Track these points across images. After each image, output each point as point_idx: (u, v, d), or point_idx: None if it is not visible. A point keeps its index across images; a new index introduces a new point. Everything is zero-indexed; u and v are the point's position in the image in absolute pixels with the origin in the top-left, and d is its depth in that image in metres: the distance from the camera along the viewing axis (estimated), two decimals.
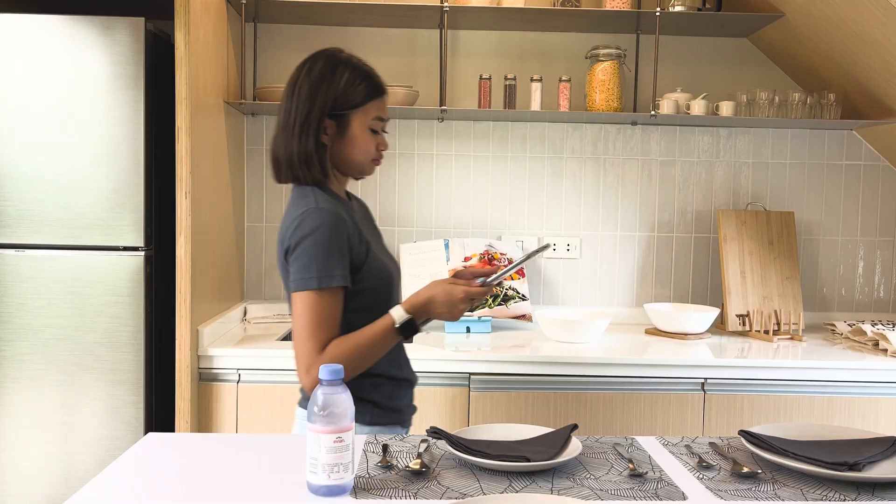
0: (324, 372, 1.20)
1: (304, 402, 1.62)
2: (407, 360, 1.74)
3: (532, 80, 2.78)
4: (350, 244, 1.54)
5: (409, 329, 1.55)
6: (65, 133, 2.28)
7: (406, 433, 1.69)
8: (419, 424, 2.33)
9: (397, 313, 1.55)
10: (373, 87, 1.62)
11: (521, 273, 2.80)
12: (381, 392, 1.63)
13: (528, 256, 1.65)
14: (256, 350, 2.33)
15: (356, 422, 1.30)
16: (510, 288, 2.74)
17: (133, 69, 2.27)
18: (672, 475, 1.33)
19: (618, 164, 2.97)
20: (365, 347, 1.52)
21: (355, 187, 2.96)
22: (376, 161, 1.66)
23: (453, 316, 1.57)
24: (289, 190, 1.64)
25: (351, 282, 1.54)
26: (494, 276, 1.61)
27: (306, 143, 1.57)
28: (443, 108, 2.68)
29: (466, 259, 2.78)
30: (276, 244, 1.84)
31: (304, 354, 1.50)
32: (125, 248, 2.31)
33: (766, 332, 2.71)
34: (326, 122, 1.58)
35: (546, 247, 1.74)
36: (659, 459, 1.41)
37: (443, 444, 1.45)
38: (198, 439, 1.49)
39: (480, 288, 1.58)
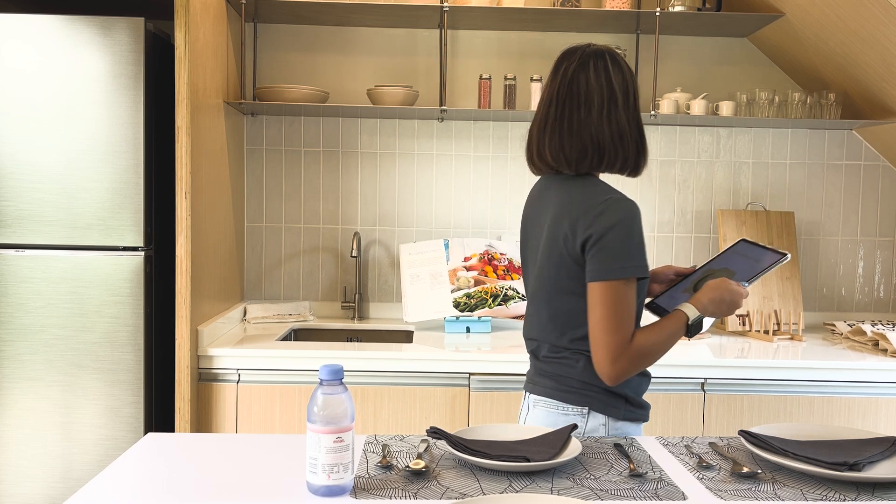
0: (324, 372, 1.20)
1: (580, 392, 1.56)
2: None
3: (532, 80, 2.78)
4: None
5: (695, 328, 1.53)
6: (65, 133, 2.28)
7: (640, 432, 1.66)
8: (419, 424, 2.33)
9: (690, 311, 1.52)
10: None
11: (521, 273, 2.80)
12: (631, 386, 1.59)
13: (770, 267, 1.61)
14: (256, 350, 2.33)
15: (608, 416, 1.39)
16: (510, 288, 2.74)
17: (133, 69, 2.27)
18: (672, 475, 1.33)
19: None
20: (663, 342, 1.50)
21: (353, 187, 2.96)
22: None
23: (730, 314, 1.58)
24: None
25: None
26: (754, 276, 1.59)
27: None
28: (443, 108, 2.68)
29: (466, 259, 2.78)
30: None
31: (614, 344, 1.45)
32: (125, 248, 2.31)
33: (766, 332, 2.71)
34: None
35: (784, 256, 1.61)
36: (659, 459, 1.41)
37: (443, 444, 1.45)
38: (198, 439, 1.49)
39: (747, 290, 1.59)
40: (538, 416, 1.62)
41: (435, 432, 1.41)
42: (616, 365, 1.46)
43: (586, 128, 1.51)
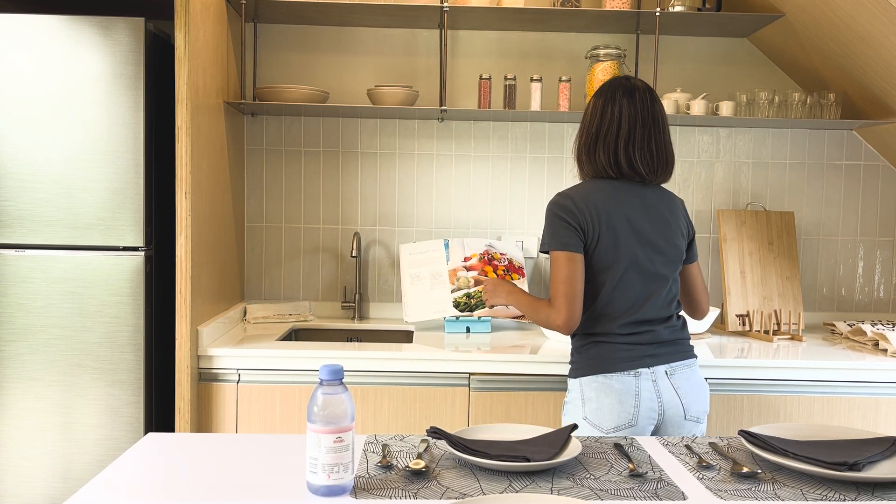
0: (324, 372, 1.20)
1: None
2: None
3: (532, 80, 2.78)
4: None
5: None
6: (65, 133, 2.28)
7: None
8: (419, 424, 2.33)
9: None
10: None
11: (520, 273, 2.80)
12: None
13: None
14: (256, 350, 2.33)
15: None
16: None
17: (133, 69, 2.27)
18: (672, 475, 1.33)
19: None
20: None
21: (354, 187, 2.96)
22: None
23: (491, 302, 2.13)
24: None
25: None
26: None
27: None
28: (443, 108, 2.68)
29: (466, 259, 2.78)
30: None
31: (709, 304, 2.06)
32: (125, 248, 2.31)
33: (766, 332, 2.71)
34: None
35: None
36: (659, 459, 1.41)
37: (443, 444, 1.45)
38: (198, 439, 1.49)
39: None
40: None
41: (435, 432, 1.41)
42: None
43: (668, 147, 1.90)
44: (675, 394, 1.82)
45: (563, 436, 1.42)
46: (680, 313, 1.93)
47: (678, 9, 2.69)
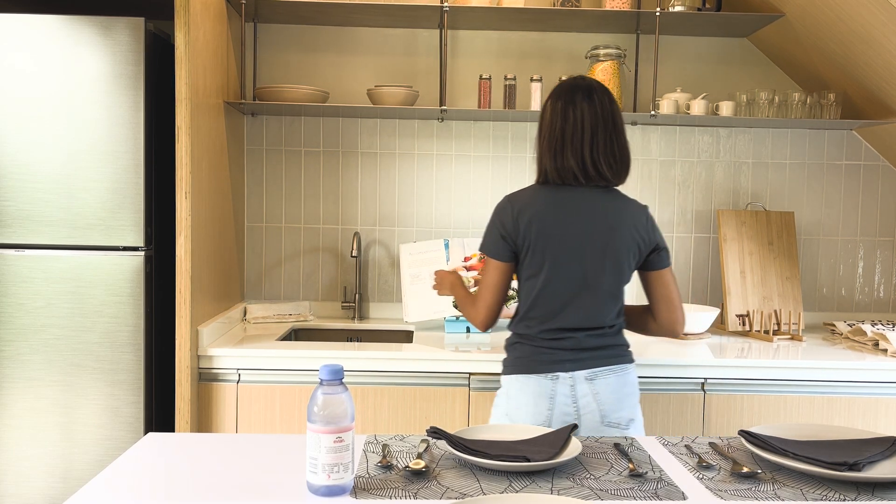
0: (324, 372, 1.20)
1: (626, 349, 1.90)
2: None
3: (532, 80, 2.78)
4: None
5: None
6: (65, 133, 2.28)
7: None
8: (419, 424, 2.33)
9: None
10: None
11: None
12: None
13: None
14: (256, 350, 2.33)
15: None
16: (510, 288, 2.73)
17: (133, 69, 2.27)
18: (672, 475, 1.33)
19: None
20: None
21: (354, 187, 2.96)
22: None
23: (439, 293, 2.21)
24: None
25: None
26: None
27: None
28: (443, 108, 2.68)
29: (466, 259, 2.78)
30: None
31: (684, 311, 1.94)
32: (125, 248, 2.31)
33: (766, 332, 2.71)
34: None
35: None
36: (659, 459, 1.41)
37: (443, 444, 1.45)
38: (198, 439, 1.49)
39: None
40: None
41: (435, 432, 1.41)
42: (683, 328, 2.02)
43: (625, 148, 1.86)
44: (594, 399, 1.80)
45: (563, 436, 1.42)
46: (615, 323, 1.87)
47: (678, 9, 2.69)
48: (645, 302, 1.94)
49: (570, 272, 1.81)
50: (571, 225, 1.81)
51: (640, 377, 2.32)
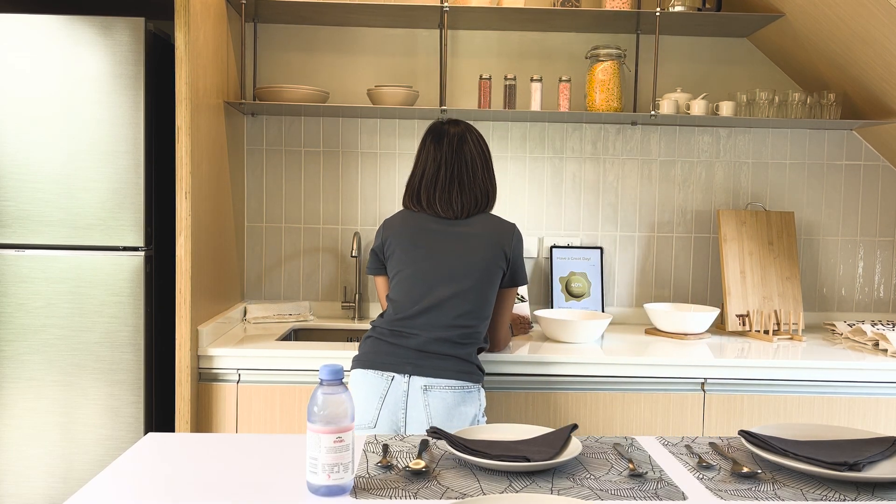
0: (324, 372, 1.20)
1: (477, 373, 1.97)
2: None
3: (532, 80, 2.78)
4: None
5: None
6: (65, 133, 2.28)
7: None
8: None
9: None
10: None
11: None
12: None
13: None
14: (256, 350, 2.33)
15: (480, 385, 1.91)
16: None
17: (133, 69, 2.27)
18: (672, 475, 1.33)
19: (618, 164, 2.97)
20: None
21: (354, 187, 2.96)
22: None
23: None
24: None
25: None
26: None
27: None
28: (443, 108, 2.68)
29: None
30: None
31: (508, 334, 2.23)
32: (125, 248, 2.31)
33: (766, 332, 2.71)
34: None
35: None
36: (659, 459, 1.41)
37: (443, 444, 1.45)
38: (198, 439, 1.49)
39: None
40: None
41: (435, 432, 1.41)
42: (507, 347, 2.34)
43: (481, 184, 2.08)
44: (424, 411, 1.85)
45: (563, 436, 1.42)
46: (469, 341, 1.95)
47: (678, 9, 2.69)
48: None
49: (426, 268, 1.96)
50: (426, 240, 1.99)
51: (640, 377, 2.33)
